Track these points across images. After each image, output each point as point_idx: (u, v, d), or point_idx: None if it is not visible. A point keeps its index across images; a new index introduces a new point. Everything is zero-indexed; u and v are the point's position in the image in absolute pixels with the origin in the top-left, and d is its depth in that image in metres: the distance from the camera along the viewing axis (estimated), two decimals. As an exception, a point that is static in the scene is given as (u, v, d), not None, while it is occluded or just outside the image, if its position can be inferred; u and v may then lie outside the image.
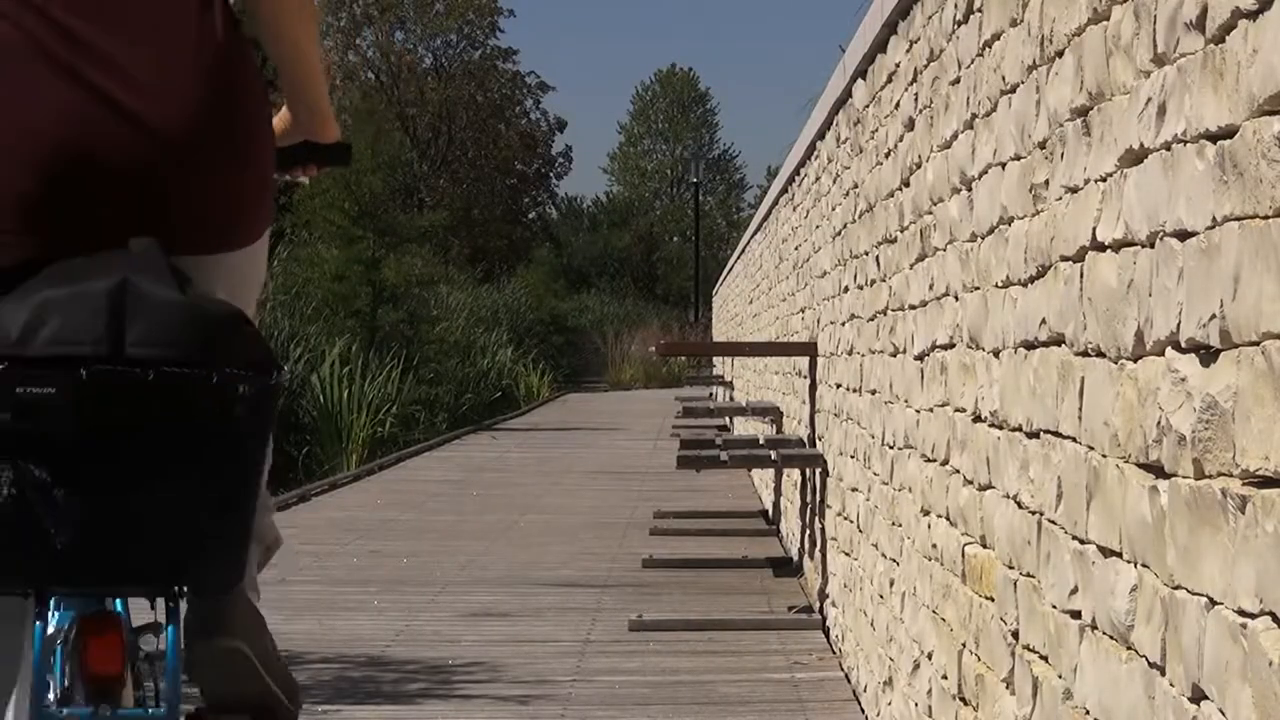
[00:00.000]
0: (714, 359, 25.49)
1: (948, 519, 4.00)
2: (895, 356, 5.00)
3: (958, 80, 3.97)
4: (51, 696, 2.25)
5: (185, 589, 2.27)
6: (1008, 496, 3.30)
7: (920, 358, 4.49)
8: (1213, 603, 2.01)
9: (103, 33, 2.34)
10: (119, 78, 2.33)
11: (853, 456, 6.18)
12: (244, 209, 2.48)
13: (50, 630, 2.25)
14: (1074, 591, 2.72)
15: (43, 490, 2.16)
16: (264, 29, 2.63)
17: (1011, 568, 3.24)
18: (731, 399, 17.32)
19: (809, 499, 7.90)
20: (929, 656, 4.23)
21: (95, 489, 2.18)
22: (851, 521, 6.13)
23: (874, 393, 5.52)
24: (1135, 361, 2.39)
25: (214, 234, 2.44)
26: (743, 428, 14.03)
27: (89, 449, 2.17)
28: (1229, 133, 1.98)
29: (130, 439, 2.18)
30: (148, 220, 2.33)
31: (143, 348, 2.18)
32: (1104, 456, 2.55)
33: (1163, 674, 2.23)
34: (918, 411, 4.53)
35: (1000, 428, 3.40)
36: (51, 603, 2.26)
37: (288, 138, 2.77)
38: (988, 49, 3.58)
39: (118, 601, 2.35)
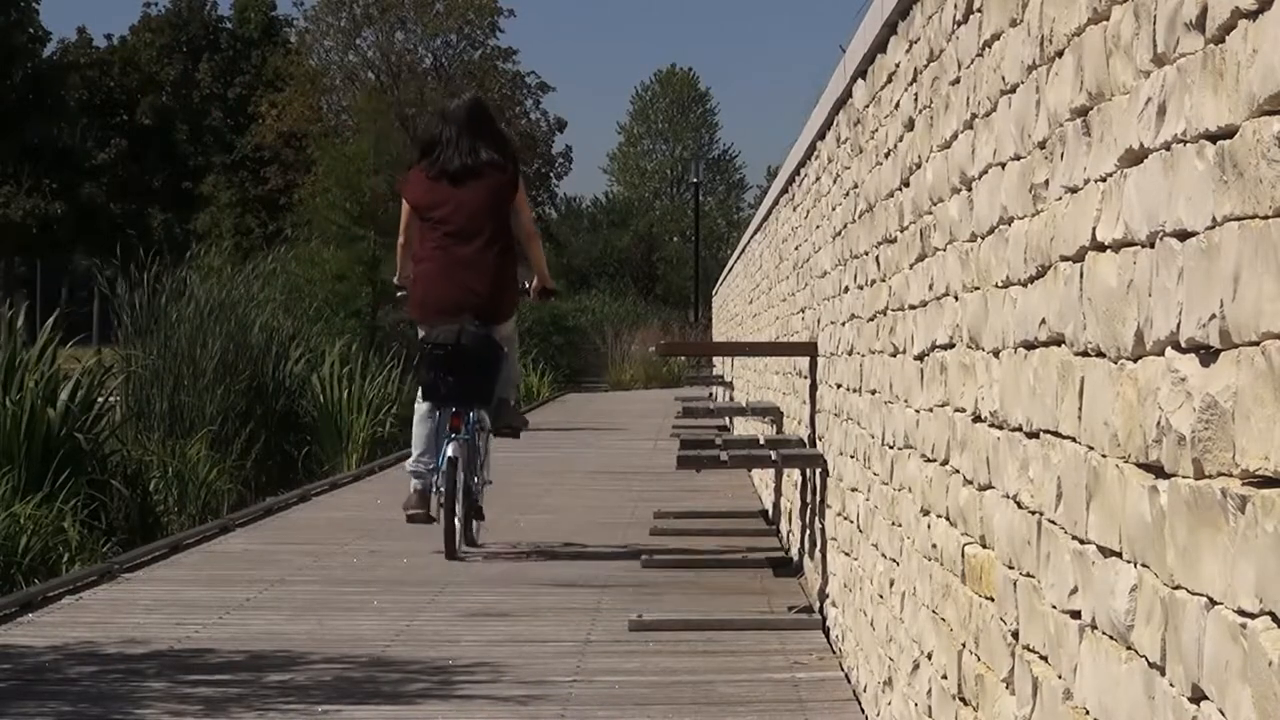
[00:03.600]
0: (714, 359, 25.48)
1: (947, 519, 4.00)
2: (895, 356, 5.00)
3: (958, 80, 3.97)
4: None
5: (481, 404, 9.33)
6: (1007, 496, 3.30)
7: (920, 358, 4.49)
8: (1212, 603, 2.01)
9: (463, 266, 9.23)
10: (471, 282, 9.20)
11: (853, 456, 6.18)
12: (503, 312, 9.33)
13: (442, 417, 9.31)
14: (1074, 591, 2.72)
15: (441, 377, 9.13)
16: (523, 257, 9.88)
17: (1011, 568, 3.24)
18: (731, 399, 17.33)
19: (809, 499, 7.90)
20: (929, 656, 4.23)
21: (454, 376, 9.10)
22: (851, 521, 6.14)
23: (874, 393, 5.52)
24: (1135, 361, 2.39)
25: (495, 318, 9.25)
26: (743, 428, 14.03)
27: (451, 367, 9.08)
28: (1229, 133, 1.98)
29: (464, 364, 9.09)
30: (476, 315, 9.17)
31: (466, 342, 9.09)
32: (1104, 456, 2.55)
33: (1163, 674, 2.23)
34: (918, 411, 4.53)
35: (1000, 428, 3.40)
36: (439, 411, 9.30)
37: (536, 285, 9.81)
38: (987, 49, 3.58)
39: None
